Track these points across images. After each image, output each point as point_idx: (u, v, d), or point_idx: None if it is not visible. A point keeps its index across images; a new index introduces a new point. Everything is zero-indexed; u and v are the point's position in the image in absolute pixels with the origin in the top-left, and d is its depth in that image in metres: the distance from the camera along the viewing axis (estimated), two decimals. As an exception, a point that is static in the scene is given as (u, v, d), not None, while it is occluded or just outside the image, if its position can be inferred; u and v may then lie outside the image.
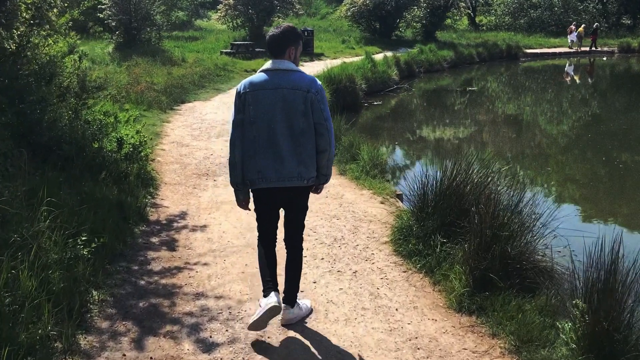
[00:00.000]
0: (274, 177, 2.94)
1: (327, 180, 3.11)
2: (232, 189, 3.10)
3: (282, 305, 3.10)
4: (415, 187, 4.30)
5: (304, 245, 3.32)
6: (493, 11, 34.78)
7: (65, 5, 6.43)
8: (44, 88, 5.35)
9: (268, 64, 3.02)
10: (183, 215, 4.98)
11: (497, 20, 34.05)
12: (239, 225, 4.72)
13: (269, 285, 3.08)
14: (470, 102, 15.24)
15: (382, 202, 5.30)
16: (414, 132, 11.84)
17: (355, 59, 19.28)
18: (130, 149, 5.63)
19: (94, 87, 5.65)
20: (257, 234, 3.22)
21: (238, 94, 3.00)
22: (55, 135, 5.30)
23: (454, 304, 3.39)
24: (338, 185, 5.86)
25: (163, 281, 3.70)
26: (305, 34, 20.37)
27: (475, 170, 4.12)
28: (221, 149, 7.63)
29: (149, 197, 5.37)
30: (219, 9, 22.43)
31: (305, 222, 3.25)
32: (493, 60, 24.64)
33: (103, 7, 16.01)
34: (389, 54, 20.17)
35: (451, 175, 4.14)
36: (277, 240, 3.24)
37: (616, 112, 14.26)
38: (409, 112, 14.05)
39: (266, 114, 2.92)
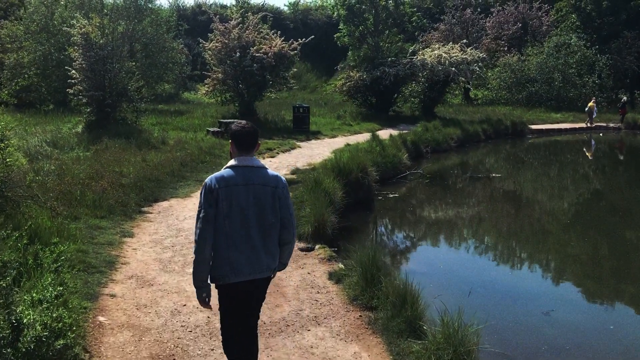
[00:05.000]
0: (247, 271, 2.98)
1: (284, 268, 3.27)
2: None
3: None
4: None
5: None
6: (488, 85, 33.89)
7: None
8: None
9: (235, 161, 3.06)
10: None
11: (494, 95, 33.09)
12: None
13: None
14: (507, 194, 12.88)
15: None
16: (466, 249, 8.81)
17: (356, 137, 17.44)
18: (34, 340, 3.19)
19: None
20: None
21: (210, 190, 2.96)
22: None
23: None
24: (396, 393, 3.43)
25: None
26: (301, 111, 18.67)
27: None
28: (200, 290, 5.22)
29: None
30: (207, 83, 20.63)
31: None
32: (499, 138, 22.97)
33: (73, 81, 13.98)
34: (392, 131, 18.41)
35: None
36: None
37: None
38: (439, 209, 11.39)
39: (239, 209, 2.96)
